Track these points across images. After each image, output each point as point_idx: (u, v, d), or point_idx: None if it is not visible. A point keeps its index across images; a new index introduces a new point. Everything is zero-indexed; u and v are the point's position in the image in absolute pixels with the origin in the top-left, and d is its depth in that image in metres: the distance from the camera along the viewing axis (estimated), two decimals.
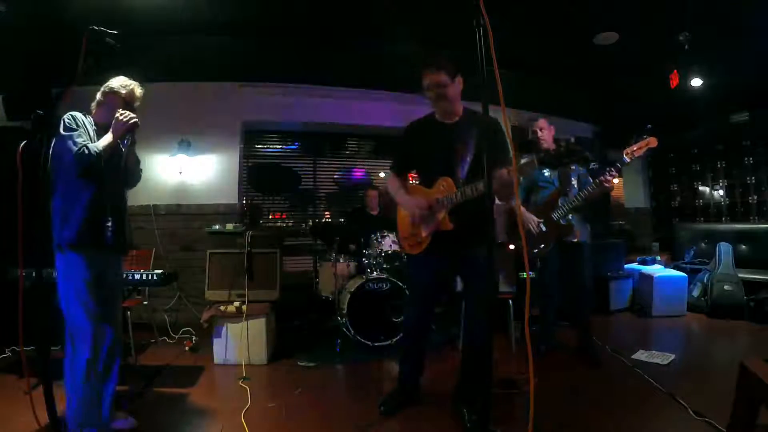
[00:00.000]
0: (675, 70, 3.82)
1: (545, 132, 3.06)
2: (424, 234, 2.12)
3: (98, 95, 1.99)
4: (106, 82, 2.00)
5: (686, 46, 3.44)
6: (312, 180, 5.18)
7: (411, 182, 2.46)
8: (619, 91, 5.14)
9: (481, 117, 1.95)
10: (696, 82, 4.33)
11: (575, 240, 2.92)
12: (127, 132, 1.88)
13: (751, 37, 3.66)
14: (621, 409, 2.25)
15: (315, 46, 4.01)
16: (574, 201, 2.86)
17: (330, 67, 4.39)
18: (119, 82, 1.97)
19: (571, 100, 5.35)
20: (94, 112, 1.99)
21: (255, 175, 4.32)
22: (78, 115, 1.87)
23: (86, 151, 1.76)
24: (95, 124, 1.94)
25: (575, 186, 2.97)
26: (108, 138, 1.85)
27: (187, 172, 4.35)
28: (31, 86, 3.47)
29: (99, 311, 1.85)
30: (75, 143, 1.76)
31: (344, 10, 3.42)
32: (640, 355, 3.05)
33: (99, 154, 1.79)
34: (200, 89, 4.39)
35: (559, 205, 2.91)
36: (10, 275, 2.71)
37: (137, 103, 2.01)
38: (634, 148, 2.58)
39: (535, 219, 2.94)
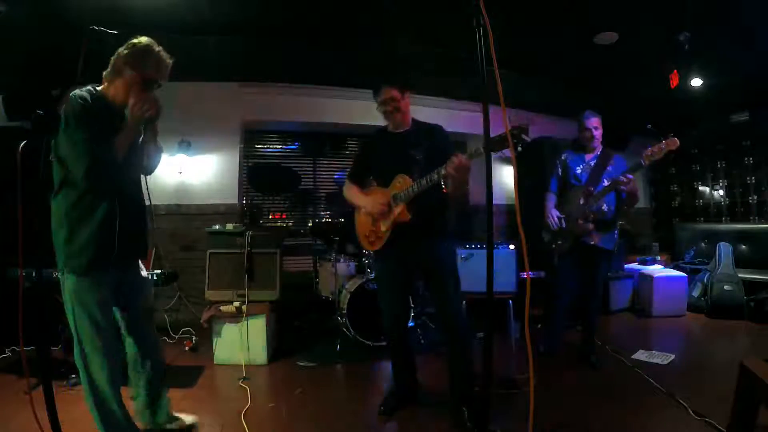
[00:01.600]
0: (675, 70, 3.82)
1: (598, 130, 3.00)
2: (383, 228, 2.21)
3: (116, 61, 1.64)
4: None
5: (686, 46, 3.44)
6: (312, 180, 5.18)
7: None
8: (619, 91, 5.14)
9: (426, 124, 2.26)
10: (696, 82, 4.33)
11: (592, 243, 2.83)
12: (147, 124, 1.68)
13: (751, 37, 3.66)
14: (621, 409, 2.25)
15: (315, 46, 4.00)
16: (593, 200, 2.77)
17: (330, 67, 4.39)
18: (142, 49, 1.61)
19: (571, 100, 5.35)
20: (104, 82, 1.69)
21: (255, 175, 4.32)
22: (84, 96, 1.57)
23: (98, 165, 1.54)
24: (105, 101, 1.65)
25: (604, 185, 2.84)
26: (124, 136, 1.63)
27: (187, 172, 4.35)
28: (31, 86, 3.47)
29: (113, 329, 1.74)
30: (87, 154, 1.52)
31: (344, 10, 3.42)
32: (640, 355, 3.05)
33: (113, 163, 1.59)
34: (200, 89, 4.39)
35: (580, 203, 2.84)
36: (10, 275, 2.71)
37: (165, 80, 1.70)
38: (654, 150, 2.53)
39: (556, 214, 2.94)
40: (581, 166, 2.99)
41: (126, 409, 1.81)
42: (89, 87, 1.64)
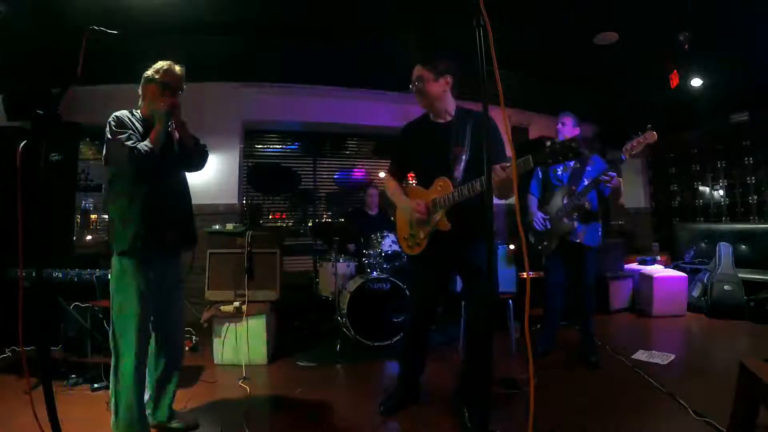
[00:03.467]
0: (675, 70, 3.82)
1: (567, 128, 3.03)
2: (422, 235, 2.13)
3: (140, 89, 1.94)
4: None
5: (686, 46, 3.44)
6: (312, 180, 5.19)
7: (411, 182, 2.47)
8: (619, 91, 5.14)
9: (474, 114, 2.00)
10: (696, 82, 4.33)
11: (578, 241, 2.91)
12: (168, 116, 1.85)
13: (751, 37, 3.66)
14: (621, 409, 2.25)
15: (315, 46, 4.01)
16: (576, 199, 2.85)
17: (329, 67, 4.39)
18: (153, 69, 1.91)
19: (571, 100, 5.35)
20: (141, 107, 1.95)
21: (255, 175, 4.32)
22: (122, 114, 1.85)
23: (137, 153, 1.73)
24: (144, 119, 1.90)
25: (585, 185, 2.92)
26: (153, 132, 1.81)
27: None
28: (31, 86, 3.47)
29: (148, 321, 1.85)
30: (125, 146, 1.73)
31: (344, 9, 3.42)
32: (640, 355, 3.05)
33: (150, 152, 1.76)
34: (200, 89, 4.39)
35: (563, 203, 2.91)
36: (10, 275, 2.71)
37: (182, 83, 1.95)
38: (633, 144, 2.60)
39: (541, 216, 2.97)
40: (561, 168, 3.03)
41: (144, 403, 1.87)
42: (129, 110, 1.92)
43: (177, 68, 1.94)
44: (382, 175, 5.31)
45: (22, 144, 1.58)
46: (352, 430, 2.13)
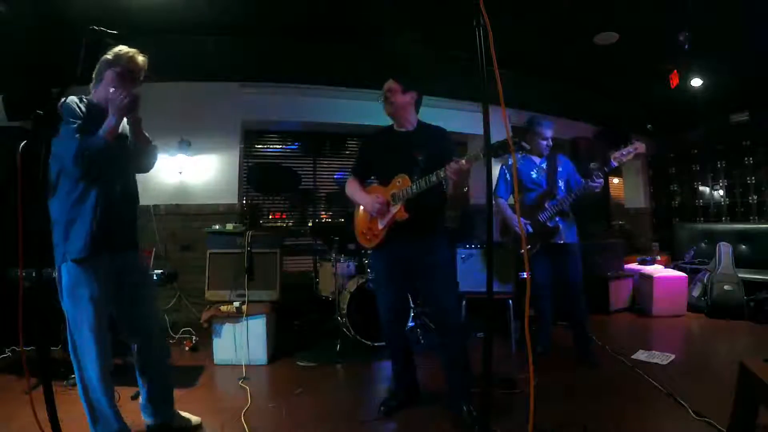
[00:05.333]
0: (675, 70, 3.83)
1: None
2: (380, 226, 2.23)
3: (98, 68, 1.78)
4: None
5: (686, 46, 3.44)
6: (312, 180, 5.18)
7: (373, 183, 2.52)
8: (619, 91, 5.14)
9: (432, 128, 2.31)
10: (696, 82, 4.33)
11: (561, 242, 2.94)
12: (128, 112, 1.72)
13: (751, 37, 3.66)
14: (621, 409, 2.25)
15: (315, 46, 4.01)
16: (561, 204, 2.89)
17: (330, 67, 4.39)
18: (114, 53, 1.75)
19: (571, 100, 5.35)
20: (92, 90, 1.81)
21: (255, 175, 4.32)
22: (72, 101, 1.70)
23: (88, 148, 1.61)
24: (92, 107, 1.75)
25: (562, 188, 2.99)
26: (108, 123, 1.67)
27: (187, 172, 4.35)
28: (31, 86, 3.47)
29: (105, 327, 1.77)
30: (74, 139, 1.61)
31: (344, 10, 3.42)
32: (640, 355, 3.05)
33: (101, 147, 1.63)
34: (200, 89, 4.39)
35: (546, 207, 2.93)
36: (10, 275, 2.71)
37: (142, 74, 1.81)
38: (623, 153, 2.63)
39: (522, 220, 2.97)
40: (535, 170, 3.05)
41: (116, 407, 1.82)
42: (78, 96, 1.76)
43: (141, 58, 1.81)
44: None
45: (22, 144, 1.59)
46: (352, 430, 2.13)
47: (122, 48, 1.77)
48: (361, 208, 2.37)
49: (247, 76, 4.47)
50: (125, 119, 1.81)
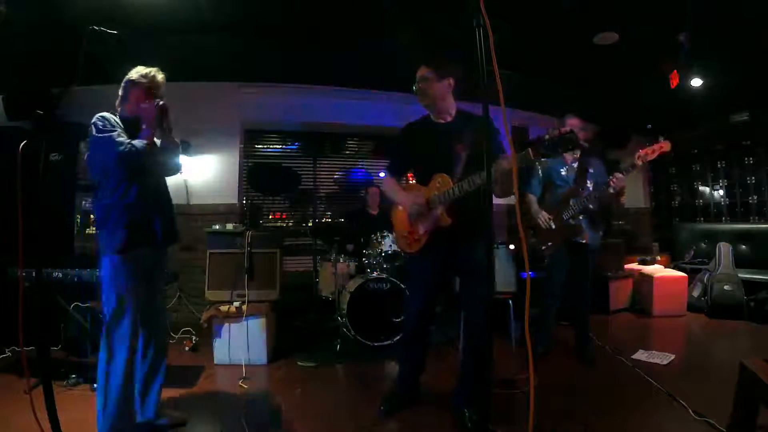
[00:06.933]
0: (675, 70, 3.82)
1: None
2: (421, 231, 2.13)
3: (120, 90, 1.96)
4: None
5: (686, 46, 3.44)
6: (312, 180, 5.18)
7: (410, 181, 2.47)
8: (619, 91, 5.13)
9: (474, 117, 2.04)
10: (696, 82, 4.33)
11: (583, 241, 2.90)
12: (161, 119, 1.89)
13: (751, 37, 3.66)
14: (621, 409, 2.25)
15: (315, 46, 4.00)
16: (584, 202, 2.85)
17: (330, 67, 4.39)
18: (138, 72, 1.94)
19: (571, 100, 5.35)
20: (118, 108, 1.96)
21: (255, 175, 4.32)
22: (107, 115, 1.86)
23: (132, 149, 1.76)
24: (122, 121, 1.92)
25: (590, 189, 2.93)
26: (144, 134, 1.84)
27: (187, 172, 4.35)
28: (31, 86, 3.47)
29: (140, 314, 1.87)
30: (117, 143, 1.75)
31: (344, 10, 3.41)
32: (640, 355, 3.05)
33: (143, 150, 1.79)
34: (200, 89, 4.39)
35: (570, 205, 2.90)
36: (10, 275, 2.71)
37: (161, 90, 1.99)
38: (648, 152, 2.59)
39: (546, 215, 2.96)
40: (565, 168, 3.05)
41: (132, 404, 1.88)
42: (108, 112, 1.91)
43: (160, 76, 2.00)
44: (381, 175, 5.31)
45: (22, 144, 1.59)
46: (352, 430, 2.13)
47: (142, 69, 1.96)
48: (400, 208, 2.25)
49: (247, 76, 4.47)
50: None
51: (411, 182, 2.30)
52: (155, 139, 1.89)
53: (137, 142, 1.79)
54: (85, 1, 2.92)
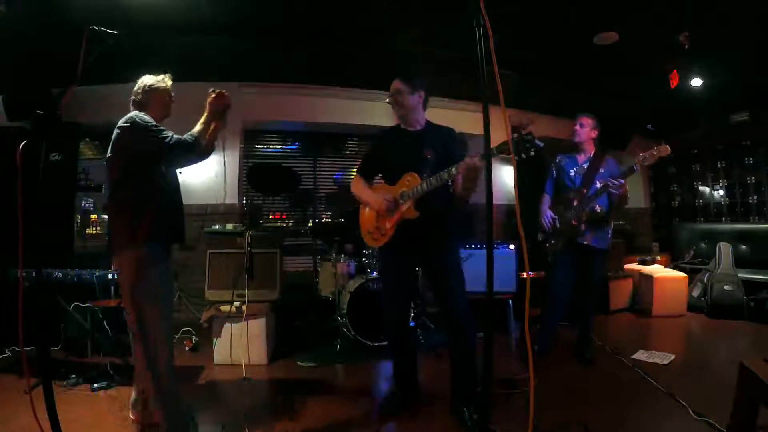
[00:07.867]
0: (675, 70, 3.82)
1: (585, 129, 3.07)
2: (388, 225, 2.20)
3: (139, 98, 2.00)
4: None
5: (686, 46, 3.44)
6: (312, 180, 5.18)
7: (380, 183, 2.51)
8: (619, 91, 5.13)
9: (443, 128, 2.23)
10: (696, 82, 4.33)
11: (585, 243, 2.89)
12: (225, 111, 2.00)
13: (751, 37, 3.66)
14: (621, 409, 2.26)
15: (315, 45, 4.00)
16: (589, 202, 2.85)
17: (330, 67, 4.39)
18: (153, 79, 2.02)
19: (571, 100, 5.34)
20: (147, 112, 1.98)
21: (255, 175, 4.32)
22: (143, 115, 1.90)
23: (190, 139, 1.86)
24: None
25: (597, 186, 2.88)
26: (205, 122, 1.94)
27: (187, 172, 4.33)
28: (31, 86, 3.47)
29: (173, 306, 1.93)
30: (167, 136, 1.83)
31: (344, 9, 3.42)
32: (640, 355, 3.05)
33: (197, 144, 1.89)
34: (200, 89, 4.38)
35: (573, 206, 2.91)
36: (10, 275, 2.71)
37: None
38: (647, 156, 2.61)
39: (550, 214, 2.99)
40: (575, 169, 3.05)
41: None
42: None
43: (170, 80, 2.12)
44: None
45: (22, 144, 1.59)
46: (352, 430, 2.13)
47: (153, 76, 2.04)
48: (367, 207, 2.33)
49: (247, 76, 4.47)
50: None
51: (380, 183, 2.37)
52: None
53: (187, 137, 1.89)
54: (85, 1, 2.93)
